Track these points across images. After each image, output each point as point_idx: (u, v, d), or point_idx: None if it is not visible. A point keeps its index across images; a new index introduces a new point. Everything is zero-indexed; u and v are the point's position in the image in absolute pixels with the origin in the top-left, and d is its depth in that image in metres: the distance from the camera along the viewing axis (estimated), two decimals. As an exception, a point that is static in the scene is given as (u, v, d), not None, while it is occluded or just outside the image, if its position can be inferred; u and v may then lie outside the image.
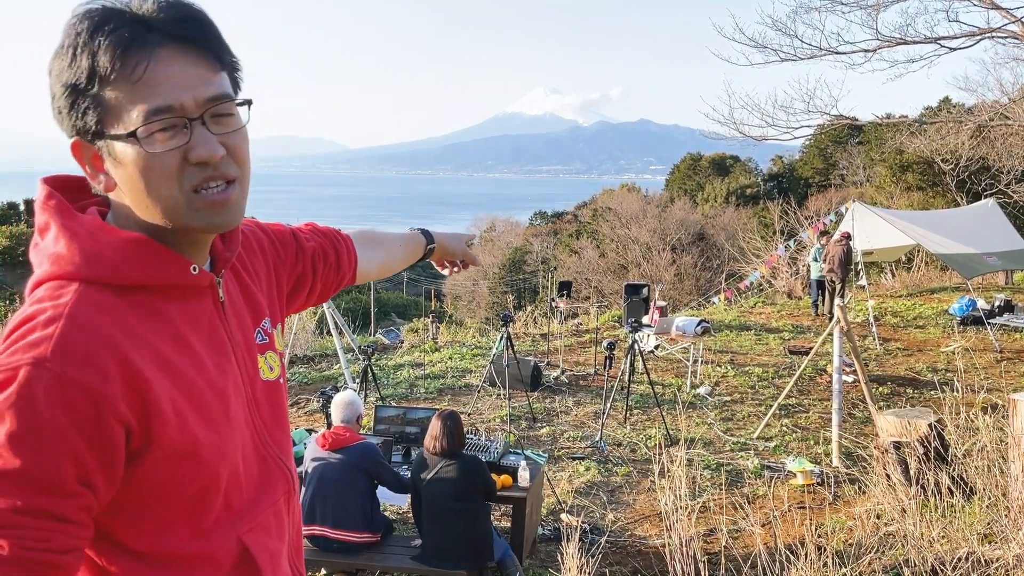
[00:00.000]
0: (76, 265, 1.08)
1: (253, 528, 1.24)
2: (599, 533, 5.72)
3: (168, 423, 1.09)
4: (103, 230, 1.11)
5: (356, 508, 4.77)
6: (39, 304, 1.06)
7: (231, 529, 1.21)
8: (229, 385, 1.21)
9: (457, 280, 45.99)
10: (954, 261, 12.44)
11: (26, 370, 1.00)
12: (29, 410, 1.00)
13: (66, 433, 1.01)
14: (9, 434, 0.99)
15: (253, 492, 1.26)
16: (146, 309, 1.12)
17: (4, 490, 0.99)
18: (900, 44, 10.44)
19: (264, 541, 1.26)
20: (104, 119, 1.06)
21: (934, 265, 19.65)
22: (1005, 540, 4.11)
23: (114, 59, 1.02)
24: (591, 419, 8.64)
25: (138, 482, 1.10)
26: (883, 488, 5.31)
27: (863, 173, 33.83)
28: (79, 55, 1.03)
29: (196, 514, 1.17)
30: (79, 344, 1.03)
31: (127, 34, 1.03)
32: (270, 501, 1.29)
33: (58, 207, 1.13)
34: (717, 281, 24.80)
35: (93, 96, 1.05)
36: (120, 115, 1.05)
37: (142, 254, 1.11)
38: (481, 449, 5.58)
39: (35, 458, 1.00)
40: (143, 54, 1.03)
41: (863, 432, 7.76)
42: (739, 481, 6.85)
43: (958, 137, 16.01)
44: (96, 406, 1.03)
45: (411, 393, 9.82)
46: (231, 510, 1.21)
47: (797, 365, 9.38)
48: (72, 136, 1.09)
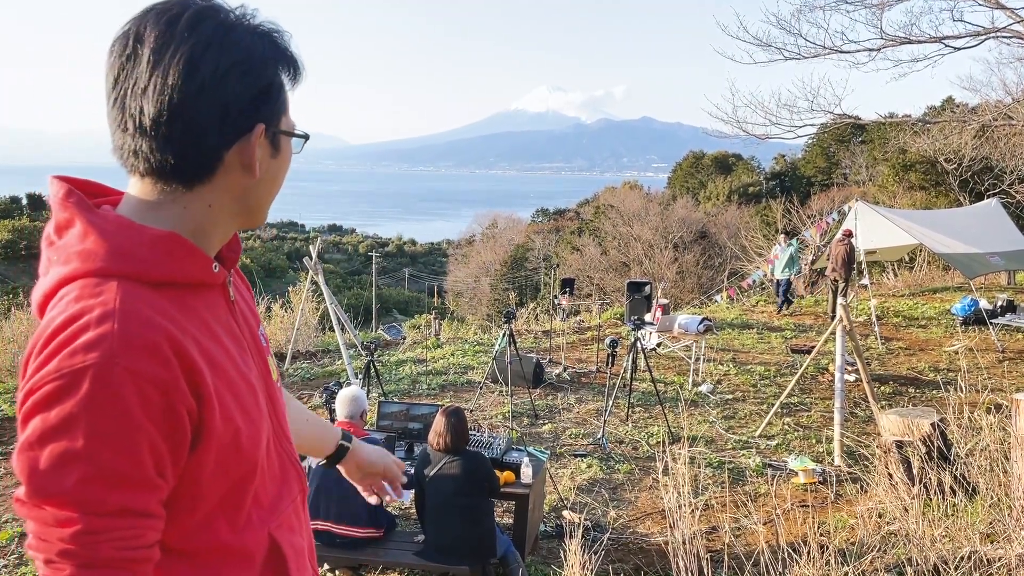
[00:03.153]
0: (110, 262, 1.08)
1: (280, 525, 1.26)
2: (601, 530, 5.73)
3: (215, 412, 1.11)
4: (132, 227, 1.11)
5: (359, 503, 4.78)
6: (80, 303, 1.05)
7: (262, 524, 1.23)
8: (253, 379, 1.23)
9: (459, 277, 46.06)
10: (957, 261, 12.44)
11: (96, 369, 1.00)
12: (109, 409, 1.00)
13: (145, 427, 1.02)
14: (92, 435, 0.99)
15: (276, 489, 1.28)
16: (179, 303, 1.13)
17: (97, 494, 1.00)
18: (904, 43, 10.41)
19: (290, 538, 1.28)
20: (281, 117, 1.20)
21: (936, 265, 19.65)
22: (1008, 540, 4.11)
23: (298, 72, 1.21)
24: (593, 416, 8.65)
25: (189, 474, 1.11)
26: (885, 487, 5.32)
27: (866, 172, 33.81)
28: (263, 67, 1.15)
29: (232, 508, 1.19)
30: (141, 338, 1.03)
31: (298, 66, 1.22)
32: (290, 499, 1.32)
33: (81, 203, 1.12)
34: (719, 279, 24.81)
35: (281, 94, 1.19)
36: (286, 118, 1.21)
37: (173, 251, 1.12)
38: (484, 446, 5.59)
39: (121, 457, 1.01)
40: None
41: (865, 431, 7.76)
42: (741, 479, 6.85)
43: (961, 137, 16.02)
44: (166, 396, 1.04)
45: (413, 389, 9.83)
46: (260, 506, 1.23)
47: (799, 364, 9.39)
48: (251, 128, 1.15)
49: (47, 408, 1.00)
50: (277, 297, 13.76)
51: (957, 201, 22.63)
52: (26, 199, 62.16)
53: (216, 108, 1.10)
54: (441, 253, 72.15)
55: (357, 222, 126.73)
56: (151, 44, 1.08)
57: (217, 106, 1.10)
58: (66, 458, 0.99)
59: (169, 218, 1.14)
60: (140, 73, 1.08)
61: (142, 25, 1.09)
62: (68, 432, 0.99)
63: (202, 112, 1.09)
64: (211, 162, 1.13)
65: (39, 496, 1.01)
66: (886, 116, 15.40)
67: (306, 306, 11.67)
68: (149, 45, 1.08)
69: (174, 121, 1.08)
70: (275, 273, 53.11)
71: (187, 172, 1.13)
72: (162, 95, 1.07)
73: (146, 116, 1.08)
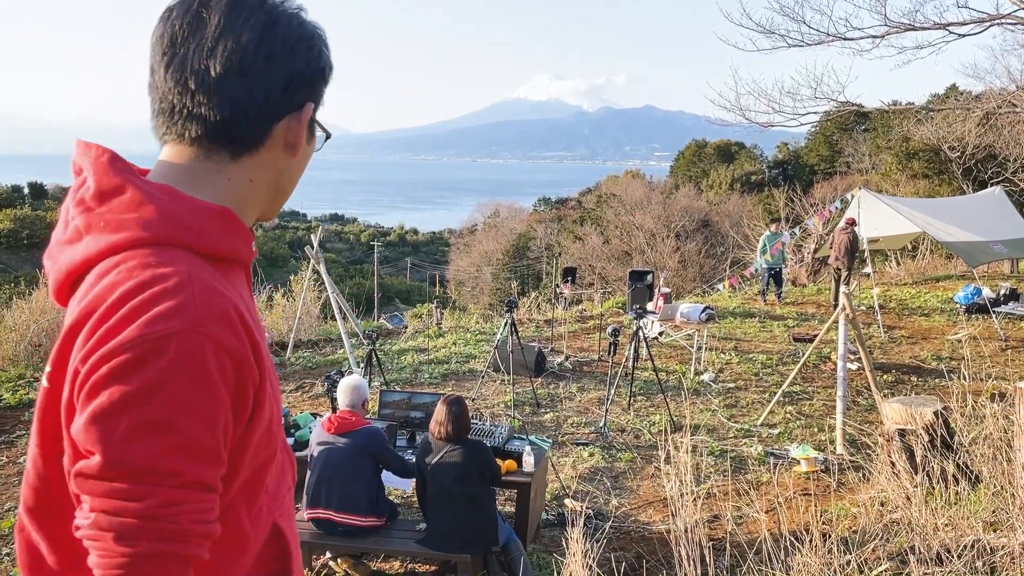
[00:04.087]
0: (171, 231, 1.05)
1: (282, 512, 1.24)
2: (603, 518, 5.73)
3: (267, 391, 1.09)
4: (185, 198, 1.09)
5: (361, 492, 4.78)
6: (149, 270, 1.00)
7: (269, 512, 1.21)
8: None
9: (461, 266, 46.03)
10: (960, 249, 12.40)
11: (182, 337, 0.96)
12: (195, 378, 0.97)
13: (224, 399, 1.00)
14: (177, 404, 0.96)
15: (279, 476, 1.25)
16: (228, 278, 1.11)
17: (178, 465, 0.96)
18: (908, 30, 10.35)
19: (289, 524, 1.26)
20: (319, 106, 1.21)
21: (939, 253, 19.60)
22: (1011, 528, 4.11)
23: (332, 71, 1.22)
24: (595, 405, 8.65)
25: (235, 454, 1.07)
26: (888, 476, 5.30)
27: (869, 160, 33.70)
28: (323, 51, 1.19)
29: (251, 493, 1.15)
30: (220, 309, 1.01)
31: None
32: (287, 487, 1.29)
33: (129, 170, 1.10)
34: (721, 268, 24.78)
35: (322, 86, 1.20)
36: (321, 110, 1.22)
37: (228, 225, 1.11)
38: (486, 434, 5.59)
39: (203, 428, 0.98)
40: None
41: (867, 420, 7.75)
42: (743, 468, 6.85)
43: (965, 125, 15.95)
44: (238, 369, 1.02)
45: (415, 378, 9.83)
46: (268, 492, 1.20)
47: (801, 352, 9.37)
48: (303, 104, 1.17)
49: (126, 376, 0.94)
50: (279, 286, 13.75)
51: (960, 189, 22.55)
52: (28, 188, 62.18)
53: (283, 75, 1.12)
54: (443, 242, 72.11)
55: (359, 211, 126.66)
56: (222, 9, 1.09)
57: (284, 73, 1.12)
58: (149, 428, 0.95)
59: (213, 190, 1.13)
60: (208, 35, 1.08)
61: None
62: (151, 401, 0.95)
63: (268, 77, 1.11)
64: (264, 129, 1.13)
65: (115, 468, 0.95)
66: (890, 104, 15.31)
67: (308, 295, 11.67)
68: (220, 10, 1.09)
69: (242, 78, 1.09)
70: (277, 262, 53.13)
71: (239, 137, 1.12)
72: (234, 54, 1.08)
73: (212, 73, 1.07)
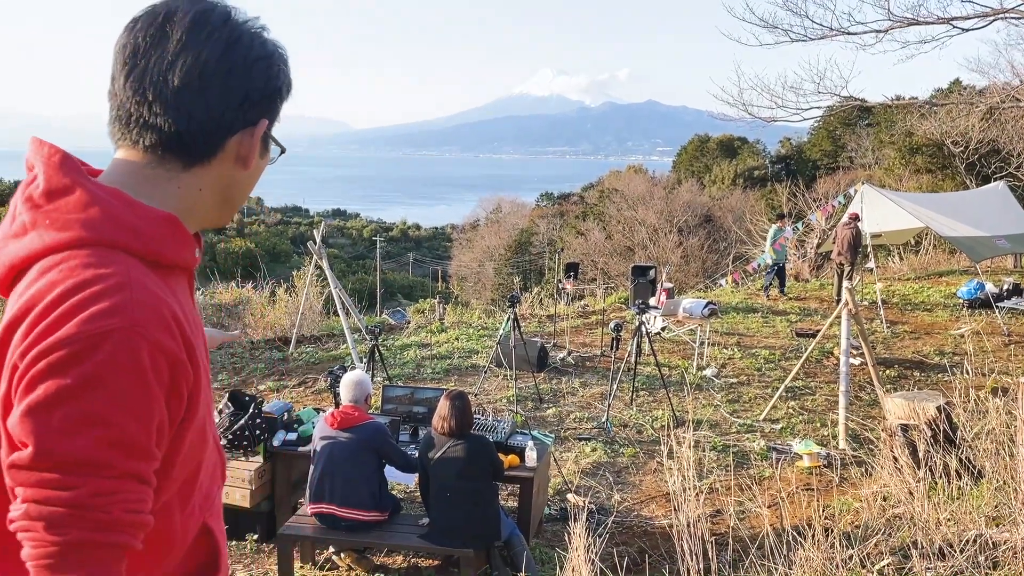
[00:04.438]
0: (115, 234, 1.08)
1: (212, 513, 1.28)
2: (605, 513, 5.74)
3: (200, 395, 1.12)
4: (133, 203, 1.11)
5: (364, 487, 4.79)
6: (90, 270, 1.03)
7: (201, 512, 1.24)
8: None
9: (463, 262, 46.01)
10: (963, 244, 12.38)
11: (119, 334, 0.99)
12: (129, 373, 1.00)
13: (157, 396, 1.03)
14: (111, 398, 0.99)
15: (210, 477, 1.29)
16: (168, 283, 1.14)
17: (110, 456, 0.99)
18: (912, 24, 10.29)
19: (219, 524, 1.31)
20: (275, 122, 1.25)
21: (942, 248, 19.56)
22: (1014, 523, 4.10)
23: (291, 91, 1.26)
24: (597, 400, 8.65)
25: (168, 455, 1.10)
26: (890, 470, 5.31)
27: (872, 155, 33.60)
28: (282, 69, 1.22)
29: (186, 493, 1.19)
30: (156, 311, 1.04)
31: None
32: (219, 485, 1.34)
33: (79, 171, 1.11)
34: (724, 263, 24.76)
35: (278, 104, 1.24)
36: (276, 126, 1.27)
37: (175, 233, 1.14)
38: (488, 429, 5.60)
39: (135, 423, 1.01)
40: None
41: (870, 415, 7.75)
42: (746, 463, 6.85)
43: (968, 119, 15.88)
44: (173, 370, 1.05)
45: (418, 373, 9.84)
46: (200, 492, 1.24)
47: (804, 347, 9.36)
48: (257, 120, 1.21)
49: (63, 371, 0.98)
50: (281, 281, 13.77)
51: (964, 184, 22.49)
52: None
53: (240, 92, 1.15)
54: (445, 238, 72.08)
55: (361, 207, 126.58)
56: (185, 25, 1.12)
57: (239, 92, 1.15)
58: (82, 420, 0.98)
59: (163, 197, 1.16)
60: (169, 48, 1.11)
61: (172, 8, 1.13)
62: (86, 395, 0.98)
63: (225, 93, 1.14)
64: (217, 143, 1.16)
65: (47, 458, 0.98)
66: (893, 98, 15.26)
67: (310, 290, 11.67)
68: (183, 26, 1.12)
69: (200, 93, 1.12)
70: (279, 257, 53.14)
71: (192, 148, 1.15)
72: (193, 69, 1.11)
73: (170, 85, 1.10)
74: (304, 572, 5.13)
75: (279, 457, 5.59)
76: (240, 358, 10.69)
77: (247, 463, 5.42)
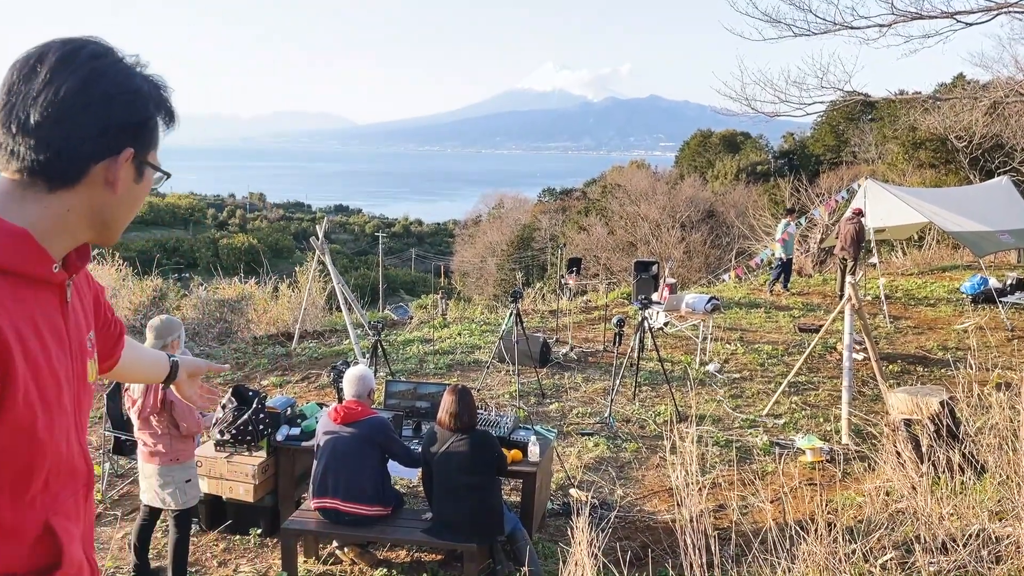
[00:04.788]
0: None
1: (58, 512, 1.37)
2: (608, 508, 5.74)
3: (18, 394, 1.20)
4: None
5: (367, 481, 4.80)
6: None
7: (43, 509, 1.33)
8: (62, 376, 1.34)
9: (465, 257, 46.02)
10: (966, 239, 12.36)
11: None
12: None
13: None
14: None
15: (64, 479, 1.38)
16: (12, 290, 1.24)
17: None
18: (916, 19, 10.25)
19: (65, 524, 1.38)
20: (150, 150, 1.36)
21: (946, 243, 19.53)
22: (1016, 517, 4.10)
23: (173, 121, 1.39)
24: (600, 395, 8.66)
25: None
26: (893, 465, 5.30)
27: (875, 150, 33.52)
28: (148, 104, 1.33)
29: (18, 488, 1.27)
30: None
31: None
32: (73, 490, 1.42)
33: None
34: (727, 259, 24.72)
35: (155, 131, 1.36)
36: (154, 153, 1.38)
37: (21, 246, 1.25)
38: (491, 424, 5.60)
39: None
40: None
41: (873, 410, 7.75)
42: (748, 458, 6.85)
43: (972, 114, 15.85)
44: None
45: (420, 368, 9.85)
46: (48, 490, 1.33)
47: (807, 343, 9.36)
48: (122, 149, 1.30)
49: None
50: (284, 277, 13.79)
51: (967, 179, 22.43)
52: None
53: (97, 124, 1.26)
54: (447, 233, 72.11)
55: (363, 202, 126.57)
56: (51, 64, 1.24)
57: (98, 123, 1.26)
58: None
59: (28, 214, 1.27)
60: (35, 85, 1.23)
61: (46, 49, 1.26)
62: None
63: (83, 125, 1.25)
64: (79, 170, 1.27)
65: None
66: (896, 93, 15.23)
67: (313, 286, 11.68)
68: (49, 65, 1.24)
69: (56, 126, 1.23)
70: (282, 253, 53.20)
71: (54, 175, 1.26)
72: (52, 105, 1.22)
73: (31, 120, 1.22)
74: (307, 567, 5.15)
75: (282, 452, 5.61)
76: (243, 353, 10.71)
77: (250, 458, 5.44)
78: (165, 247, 53.72)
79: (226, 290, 13.05)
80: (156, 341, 4.63)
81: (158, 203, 67.08)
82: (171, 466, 4.67)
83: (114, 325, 1.81)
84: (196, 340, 11.42)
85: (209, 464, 5.43)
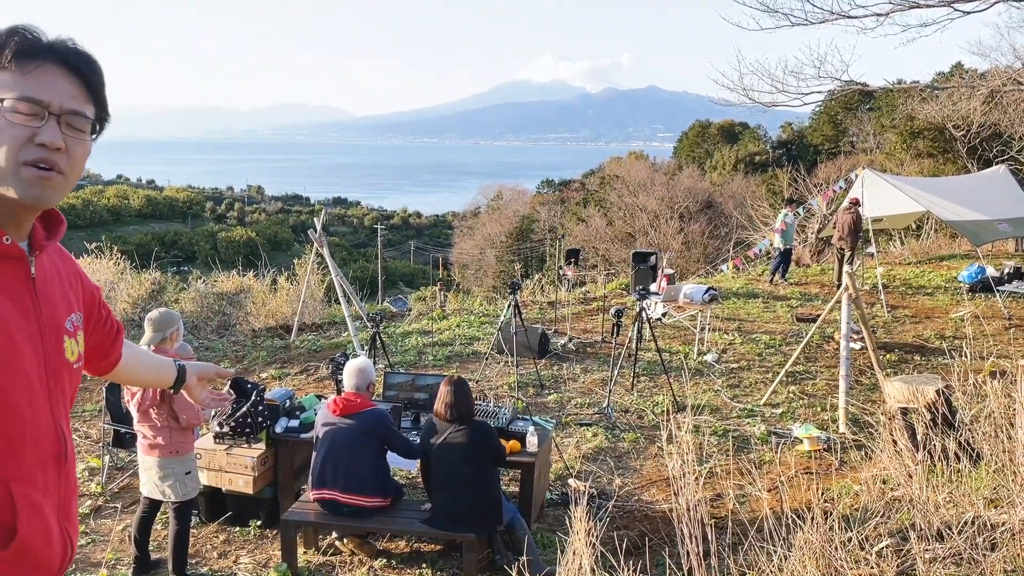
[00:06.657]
0: None
1: (21, 478, 1.41)
2: (606, 498, 5.77)
3: None
4: None
5: (367, 473, 4.82)
6: None
7: (3, 471, 1.38)
8: (23, 342, 1.40)
9: (464, 249, 45.98)
10: (964, 228, 12.37)
11: None
12: None
13: None
14: None
15: (32, 445, 1.43)
16: None
17: None
18: (913, 8, 10.24)
19: (28, 491, 1.42)
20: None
21: (944, 232, 19.54)
22: (1011, 504, 4.12)
23: (13, 54, 1.37)
24: (598, 386, 8.68)
25: None
26: (890, 454, 5.32)
27: (873, 140, 33.48)
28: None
29: None
30: None
31: (28, 46, 1.38)
32: (39, 459, 1.46)
33: None
34: (725, 249, 24.73)
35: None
36: (4, 89, 1.36)
37: None
38: (490, 415, 5.62)
39: None
40: (39, 60, 1.38)
41: (870, 399, 7.77)
42: (746, 447, 6.88)
43: (970, 103, 15.80)
44: None
45: (419, 360, 9.87)
46: (12, 455, 1.39)
47: (805, 332, 9.38)
48: None
49: None
50: (283, 270, 13.78)
51: (965, 168, 22.42)
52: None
53: None
54: (446, 225, 72.00)
55: (362, 194, 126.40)
56: None
57: None
58: None
59: None
60: None
61: None
62: None
63: None
64: None
65: None
66: (894, 82, 15.19)
67: (312, 278, 11.68)
68: None
69: None
70: (280, 246, 53.12)
71: None
72: None
73: None
74: (307, 558, 5.17)
75: (282, 444, 5.62)
76: (242, 346, 10.73)
77: (250, 450, 5.46)
78: (163, 240, 53.70)
79: (225, 283, 13.06)
80: (155, 334, 4.65)
81: (156, 197, 67.00)
82: (171, 458, 4.68)
83: (110, 324, 1.85)
84: (195, 333, 11.43)
85: (209, 456, 5.45)
